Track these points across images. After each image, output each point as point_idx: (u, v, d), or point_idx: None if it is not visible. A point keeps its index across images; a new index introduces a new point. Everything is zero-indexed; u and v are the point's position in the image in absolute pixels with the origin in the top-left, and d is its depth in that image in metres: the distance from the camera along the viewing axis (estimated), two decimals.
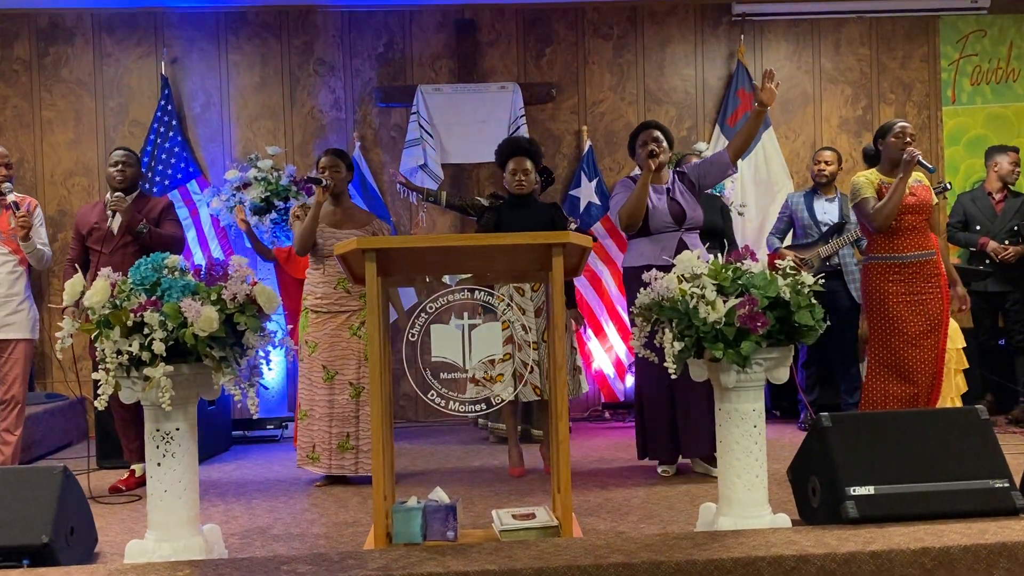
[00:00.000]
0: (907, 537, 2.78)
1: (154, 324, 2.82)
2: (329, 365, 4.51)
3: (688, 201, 4.46)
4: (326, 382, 4.50)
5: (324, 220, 4.54)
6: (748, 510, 3.05)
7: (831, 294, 5.49)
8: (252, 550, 3.46)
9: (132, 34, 6.41)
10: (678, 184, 4.53)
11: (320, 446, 4.51)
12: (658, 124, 4.58)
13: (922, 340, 4.42)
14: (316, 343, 4.54)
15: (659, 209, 4.42)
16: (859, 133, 6.71)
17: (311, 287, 4.61)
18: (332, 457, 4.49)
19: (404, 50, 6.52)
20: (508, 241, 3.09)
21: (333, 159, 4.58)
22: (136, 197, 4.67)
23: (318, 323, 4.56)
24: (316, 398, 4.53)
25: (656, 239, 4.42)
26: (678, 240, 4.41)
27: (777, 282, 2.99)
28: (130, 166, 4.66)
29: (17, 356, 4.66)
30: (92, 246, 4.61)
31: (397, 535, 3.01)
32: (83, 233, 4.66)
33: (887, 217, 4.38)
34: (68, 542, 3.07)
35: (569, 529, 3.03)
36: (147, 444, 3.00)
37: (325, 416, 4.50)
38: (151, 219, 4.63)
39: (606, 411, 6.39)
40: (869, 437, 3.12)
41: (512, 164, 4.67)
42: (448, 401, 3.10)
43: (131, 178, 4.66)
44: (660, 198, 4.45)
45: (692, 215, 4.45)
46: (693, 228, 4.48)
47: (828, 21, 6.71)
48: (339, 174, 4.56)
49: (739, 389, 3.05)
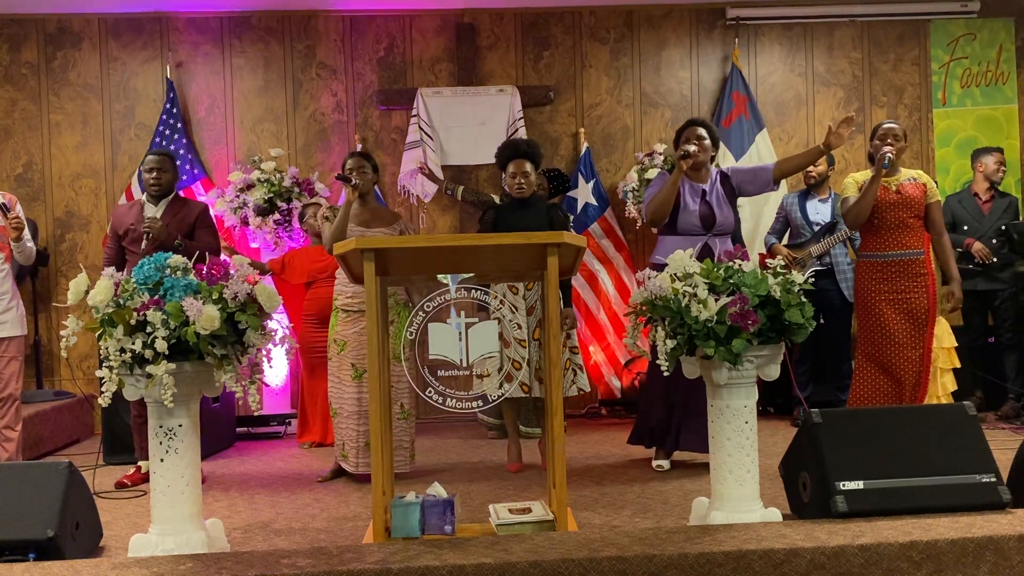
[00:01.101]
0: (895, 531, 2.78)
1: (157, 323, 2.82)
2: (358, 364, 4.49)
3: (722, 205, 4.31)
4: (354, 380, 4.49)
5: (353, 220, 4.54)
6: (740, 504, 3.06)
7: (822, 292, 5.50)
8: (254, 544, 3.46)
9: (138, 38, 6.42)
10: (717, 187, 4.36)
11: (348, 443, 4.50)
12: (704, 122, 4.41)
13: (906, 339, 4.42)
14: (345, 342, 4.53)
15: (690, 210, 4.29)
16: (851, 135, 6.70)
17: (341, 287, 4.61)
18: (360, 455, 4.48)
19: (404, 54, 6.52)
20: (504, 241, 3.09)
21: (360, 161, 4.57)
22: (171, 200, 4.59)
23: (347, 322, 4.55)
24: (345, 396, 4.52)
25: (681, 240, 4.29)
26: (703, 244, 4.28)
27: (767, 281, 3.00)
28: (165, 171, 4.56)
29: (12, 353, 4.62)
30: (129, 247, 4.53)
31: (395, 529, 3.02)
32: (119, 233, 4.58)
33: (857, 215, 4.38)
34: (73, 536, 3.08)
35: (564, 523, 3.03)
36: (151, 440, 3.01)
37: (353, 414, 4.49)
38: (187, 224, 4.54)
39: (602, 408, 6.39)
40: (858, 433, 3.12)
41: (512, 167, 4.62)
42: (446, 398, 3.10)
43: (167, 183, 4.57)
44: (695, 199, 4.32)
45: (722, 220, 4.30)
46: (723, 233, 4.32)
47: (821, 25, 6.71)
48: (366, 175, 4.55)
49: (731, 386, 3.05)
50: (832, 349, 5.70)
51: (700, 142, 4.32)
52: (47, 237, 6.37)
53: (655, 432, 4.49)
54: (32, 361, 6.25)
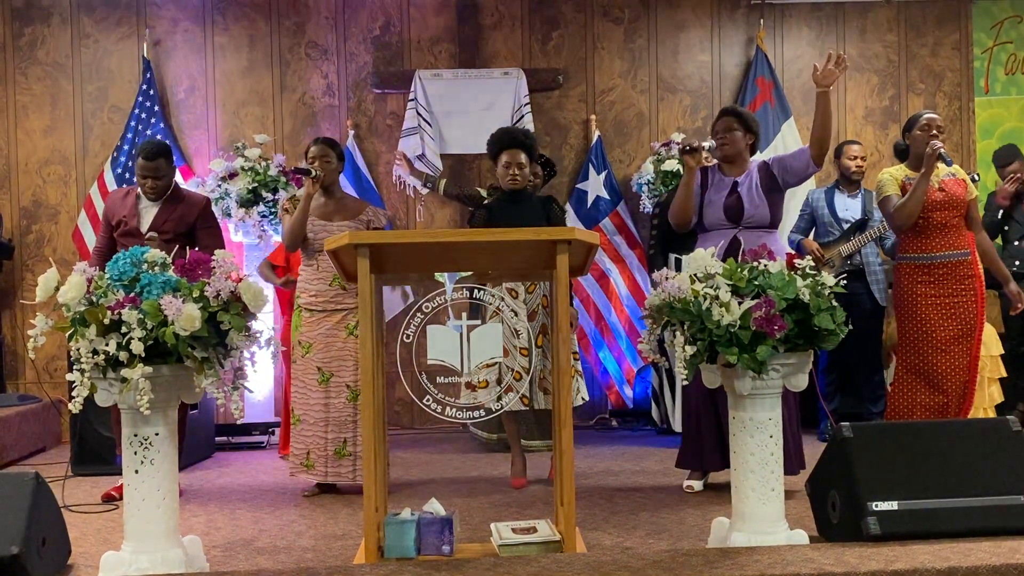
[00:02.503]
0: (932, 556, 2.78)
1: (132, 322, 2.82)
2: (324, 367, 4.51)
3: (755, 197, 4.23)
4: (321, 385, 4.50)
5: (314, 213, 4.54)
6: (763, 525, 3.05)
7: (853, 296, 5.48)
8: (235, 563, 3.46)
9: (112, 14, 6.42)
10: (753, 177, 4.29)
11: (315, 452, 4.51)
12: (735, 110, 4.38)
13: (953, 346, 4.41)
14: (310, 344, 4.54)
15: (714, 205, 4.26)
16: (885, 125, 6.70)
17: (304, 284, 4.62)
18: (328, 464, 4.49)
19: (402, 33, 6.52)
20: (511, 237, 3.09)
21: (324, 148, 4.58)
22: (170, 196, 4.53)
23: (312, 323, 4.56)
24: (311, 402, 4.53)
25: (708, 236, 4.27)
26: (731, 239, 4.21)
27: (796, 283, 2.99)
28: (161, 176, 4.47)
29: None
30: (120, 239, 4.48)
31: (389, 549, 3.01)
32: (112, 224, 4.54)
33: (907, 216, 4.37)
34: (40, 553, 3.07)
35: (572, 544, 3.03)
36: (124, 450, 3.01)
37: (320, 421, 4.50)
38: (187, 224, 4.50)
39: (613, 419, 6.40)
40: (893, 449, 3.11)
41: (505, 157, 4.59)
42: (445, 407, 3.10)
43: (163, 189, 4.50)
44: (720, 194, 4.28)
45: (753, 212, 4.22)
46: (755, 226, 4.24)
47: (853, 6, 6.71)
48: (330, 164, 4.56)
49: (754, 397, 3.05)
50: (861, 357, 5.69)
51: (727, 134, 4.29)
52: (12, 228, 6.37)
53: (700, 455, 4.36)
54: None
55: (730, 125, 4.32)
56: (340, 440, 4.49)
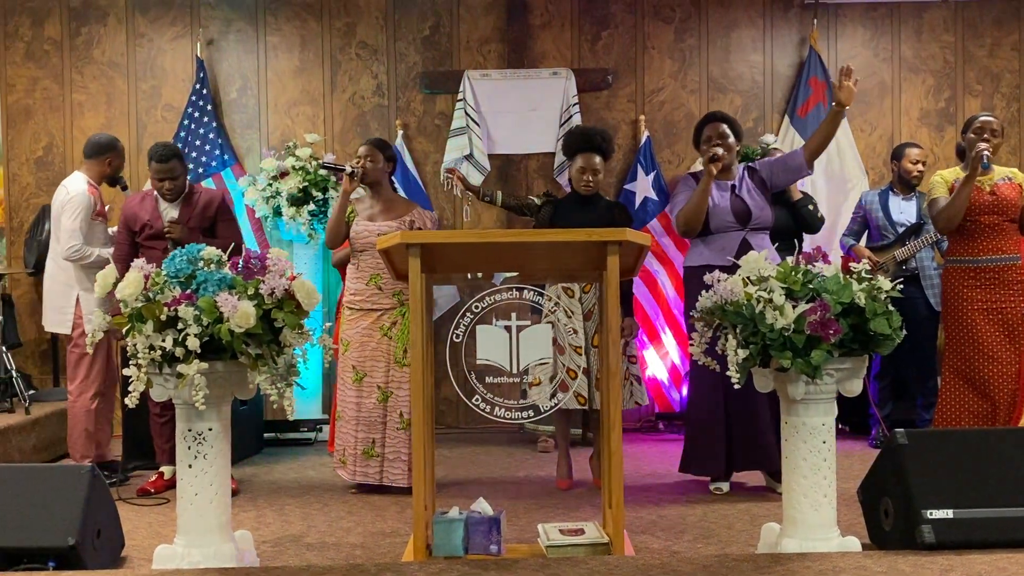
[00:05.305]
0: (989, 566, 2.74)
1: (188, 319, 2.87)
2: (359, 366, 4.55)
3: (755, 199, 4.39)
4: (355, 383, 4.55)
5: (362, 213, 4.61)
6: (815, 532, 3.03)
7: (908, 300, 5.40)
8: (285, 559, 3.51)
9: (167, 14, 6.52)
10: (747, 181, 4.46)
11: (347, 451, 4.56)
12: (724, 116, 4.52)
13: (1000, 353, 4.35)
14: (348, 342, 4.59)
15: (720, 207, 4.37)
16: (941, 127, 6.60)
17: (348, 283, 4.69)
18: (357, 463, 4.54)
19: (451, 33, 6.55)
20: (560, 238, 3.10)
21: (370, 148, 4.65)
22: (187, 195, 4.62)
23: (351, 320, 4.61)
24: (346, 400, 4.58)
25: (715, 239, 4.37)
26: (741, 240, 4.34)
27: (851, 287, 2.97)
28: (176, 177, 4.55)
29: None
30: (145, 243, 4.55)
31: (437, 547, 3.03)
32: (134, 229, 4.60)
33: (949, 219, 4.33)
34: (95, 545, 3.14)
35: (620, 547, 3.03)
36: (178, 445, 3.06)
37: (352, 419, 4.55)
38: (206, 218, 4.59)
39: (660, 422, 6.37)
40: (948, 456, 3.08)
41: (581, 160, 4.61)
42: (494, 407, 3.12)
43: (179, 189, 4.59)
44: (723, 195, 4.40)
45: (759, 214, 4.38)
46: (760, 228, 4.40)
47: (909, 5, 6.62)
48: (373, 164, 4.60)
49: (808, 402, 3.02)
50: (916, 363, 5.61)
51: (725, 141, 4.38)
52: None
53: (712, 458, 4.42)
54: (49, 357, 6.39)
55: (724, 132, 4.41)
56: (369, 440, 4.51)
